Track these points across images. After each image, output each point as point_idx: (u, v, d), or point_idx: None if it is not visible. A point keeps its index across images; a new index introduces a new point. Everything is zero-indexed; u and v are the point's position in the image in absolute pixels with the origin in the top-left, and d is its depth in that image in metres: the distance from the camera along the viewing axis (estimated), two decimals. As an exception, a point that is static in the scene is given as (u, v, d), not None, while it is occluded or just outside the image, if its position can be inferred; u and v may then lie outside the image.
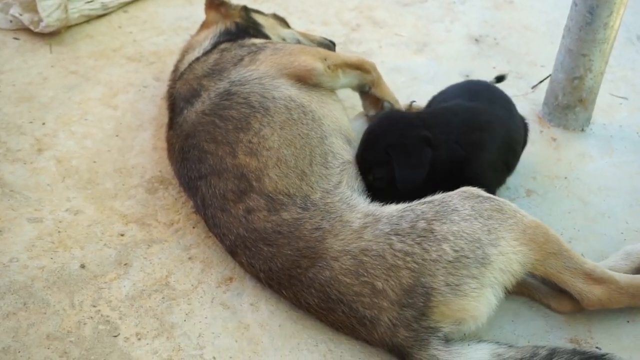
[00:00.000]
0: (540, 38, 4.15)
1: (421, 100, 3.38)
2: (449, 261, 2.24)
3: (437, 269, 2.24)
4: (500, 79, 3.30)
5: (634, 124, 3.48)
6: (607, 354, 2.26)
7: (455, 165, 2.65)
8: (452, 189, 2.48)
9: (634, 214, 2.95)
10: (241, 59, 2.98)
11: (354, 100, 3.43)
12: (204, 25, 3.47)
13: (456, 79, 3.65)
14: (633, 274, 2.55)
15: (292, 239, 2.44)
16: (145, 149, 3.22)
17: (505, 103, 2.95)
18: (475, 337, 2.31)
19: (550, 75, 3.45)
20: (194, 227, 2.83)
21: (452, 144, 2.65)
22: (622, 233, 2.86)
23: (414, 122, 2.69)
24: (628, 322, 2.50)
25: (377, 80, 3.22)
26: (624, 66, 3.91)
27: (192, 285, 2.61)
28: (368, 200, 2.59)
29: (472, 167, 2.67)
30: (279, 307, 2.53)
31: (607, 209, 2.98)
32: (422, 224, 2.32)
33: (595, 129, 3.44)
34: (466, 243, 2.27)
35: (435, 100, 3.05)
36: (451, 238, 2.28)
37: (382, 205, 2.50)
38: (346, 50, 3.94)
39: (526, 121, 3.03)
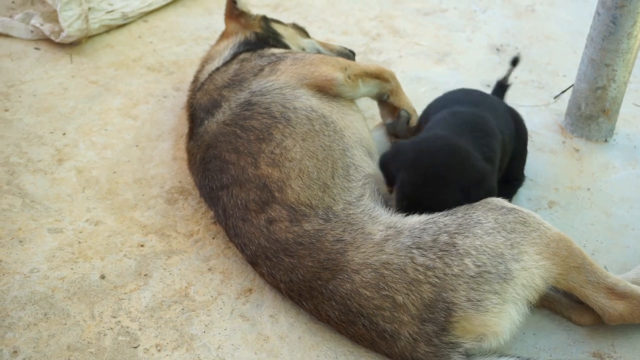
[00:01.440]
0: (563, 47, 4.12)
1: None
2: (471, 276, 2.22)
3: (459, 284, 2.21)
4: (515, 61, 3.24)
5: (657, 134, 3.45)
6: (631, 369, 2.23)
7: None
8: None
9: (658, 227, 2.92)
10: (261, 69, 2.98)
11: (374, 111, 3.42)
12: (224, 36, 3.47)
13: (477, 88, 3.62)
14: (656, 287, 2.53)
15: (313, 251, 2.43)
16: (165, 159, 3.22)
17: (489, 102, 2.97)
18: (497, 352, 2.29)
19: (572, 85, 3.42)
20: (213, 238, 2.83)
21: (478, 149, 2.62)
22: (646, 245, 2.83)
23: (472, 152, 2.56)
24: (652, 336, 2.47)
25: (396, 89, 3.21)
26: (648, 76, 3.88)
27: (212, 296, 2.60)
28: (391, 211, 2.56)
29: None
30: (299, 319, 2.52)
31: (630, 221, 2.94)
32: (444, 238, 2.30)
33: (619, 139, 3.40)
34: (488, 258, 2.24)
35: (427, 115, 2.98)
36: (473, 253, 2.25)
37: (405, 216, 2.48)
38: (366, 60, 3.93)
39: (519, 115, 3.05)
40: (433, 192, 2.49)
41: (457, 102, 2.94)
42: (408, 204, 2.53)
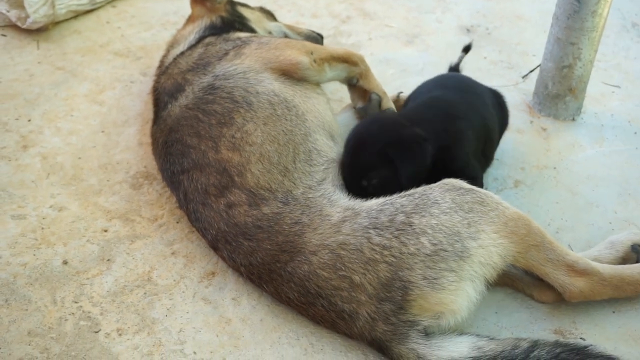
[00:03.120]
0: (533, 27, 4.12)
1: (409, 92, 3.35)
2: (427, 255, 2.22)
3: (415, 263, 2.22)
4: (467, 49, 3.25)
5: (625, 112, 3.44)
6: (590, 345, 2.23)
7: (443, 155, 2.63)
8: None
9: (623, 204, 2.92)
10: (226, 53, 2.96)
11: (343, 93, 3.41)
12: (190, 20, 3.44)
13: (445, 70, 3.61)
14: (618, 263, 2.54)
15: (271, 233, 2.42)
16: (131, 144, 3.20)
17: (477, 90, 2.95)
18: (456, 330, 2.29)
19: (540, 64, 3.42)
20: (177, 222, 2.82)
21: (439, 132, 2.64)
22: (610, 223, 2.83)
23: (402, 121, 2.65)
24: (613, 312, 2.47)
25: (365, 73, 3.18)
26: (618, 54, 3.87)
27: (175, 280, 2.60)
28: (350, 196, 2.57)
29: (456, 158, 2.65)
30: (261, 301, 2.52)
31: (595, 199, 2.95)
32: (401, 217, 2.30)
33: (587, 118, 3.40)
34: (445, 236, 2.25)
35: (411, 99, 3.03)
36: (430, 231, 2.25)
37: (364, 200, 2.48)
38: (335, 43, 3.91)
39: (504, 101, 3.07)
40: (354, 161, 2.59)
41: (439, 86, 2.97)
42: (347, 187, 2.61)
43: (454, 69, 3.23)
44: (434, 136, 2.62)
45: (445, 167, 2.62)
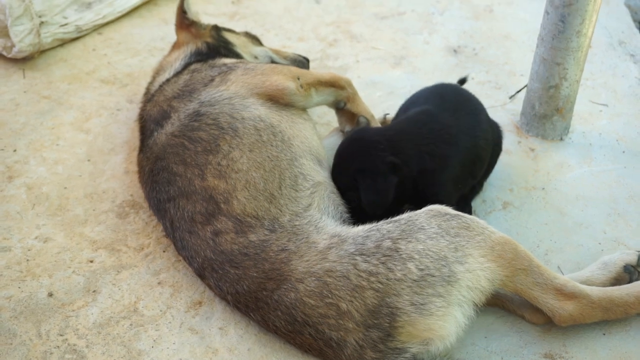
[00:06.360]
0: (520, 47, 4.12)
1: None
2: (414, 280, 2.20)
3: (402, 289, 2.20)
4: (462, 81, 3.24)
5: (613, 131, 3.44)
6: (580, 369, 2.22)
7: (423, 177, 2.67)
8: (419, 204, 2.47)
9: (612, 224, 2.91)
10: (212, 80, 2.95)
11: (330, 117, 3.40)
12: (175, 46, 3.44)
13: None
14: (611, 284, 2.53)
15: (258, 261, 2.40)
16: (117, 173, 3.18)
17: (473, 107, 2.93)
18: (446, 356, 2.28)
19: (526, 85, 3.42)
20: (164, 251, 2.80)
21: (422, 155, 2.67)
22: (599, 243, 2.82)
23: (380, 145, 2.66)
24: (604, 334, 2.46)
25: (353, 96, 3.18)
26: (605, 72, 3.87)
27: (161, 310, 2.57)
28: (338, 222, 2.56)
29: (434, 183, 2.68)
30: (248, 330, 2.49)
31: (584, 219, 2.94)
32: (387, 243, 2.28)
33: (575, 137, 3.40)
34: (432, 261, 2.23)
35: (404, 106, 3.03)
36: (416, 257, 2.24)
37: (351, 226, 2.47)
38: (322, 66, 3.91)
39: (499, 127, 3.07)
40: (337, 178, 2.77)
41: (436, 97, 2.96)
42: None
43: None
44: (416, 159, 2.65)
45: (423, 189, 2.63)
